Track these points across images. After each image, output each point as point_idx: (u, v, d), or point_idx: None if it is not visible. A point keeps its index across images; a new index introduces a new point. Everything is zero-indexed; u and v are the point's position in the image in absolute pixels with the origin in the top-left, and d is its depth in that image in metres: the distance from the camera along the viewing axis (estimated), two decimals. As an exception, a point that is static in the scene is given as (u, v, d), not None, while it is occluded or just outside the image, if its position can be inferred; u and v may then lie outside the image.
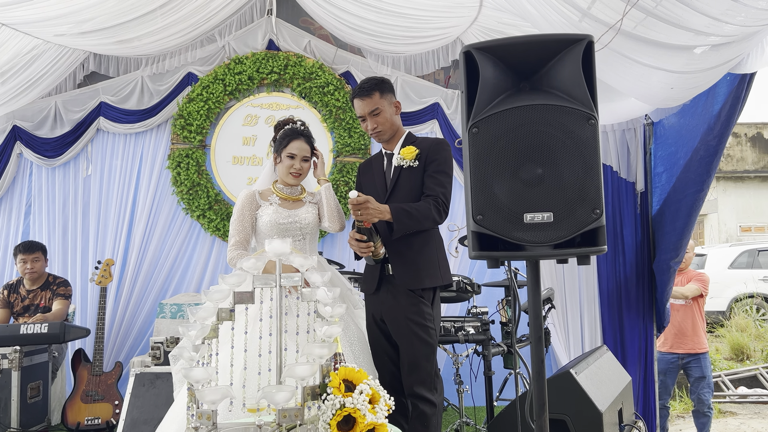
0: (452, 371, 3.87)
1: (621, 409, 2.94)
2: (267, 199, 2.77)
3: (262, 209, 2.75)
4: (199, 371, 1.75)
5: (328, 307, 1.98)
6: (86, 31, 4.29)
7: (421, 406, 2.55)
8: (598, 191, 1.57)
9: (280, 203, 2.77)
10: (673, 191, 4.01)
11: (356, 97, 2.71)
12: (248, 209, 2.75)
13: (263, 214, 2.73)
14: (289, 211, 2.75)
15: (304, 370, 1.72)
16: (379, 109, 2.68)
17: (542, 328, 1.72)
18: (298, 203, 2.82)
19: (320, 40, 5.16)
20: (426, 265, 2.61)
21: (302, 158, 2.77)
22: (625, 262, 4.77)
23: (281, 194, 2.80)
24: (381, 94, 2.68)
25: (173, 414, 2.27)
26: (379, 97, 2.68)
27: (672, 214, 4.02)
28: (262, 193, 2.81)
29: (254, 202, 2.77)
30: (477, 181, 1.60)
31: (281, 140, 2.80)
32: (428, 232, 2.66)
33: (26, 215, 4.95)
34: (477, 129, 1.61)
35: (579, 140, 1.57)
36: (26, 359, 3.74)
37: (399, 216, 2.52)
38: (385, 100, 2.70)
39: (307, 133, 2.84)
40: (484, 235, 1.60)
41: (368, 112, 2.68)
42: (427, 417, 2.55)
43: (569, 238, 1.57)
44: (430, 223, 2.58)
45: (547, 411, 1.71)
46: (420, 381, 2.56)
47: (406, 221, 2.53)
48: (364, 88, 2.68)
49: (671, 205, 4.05)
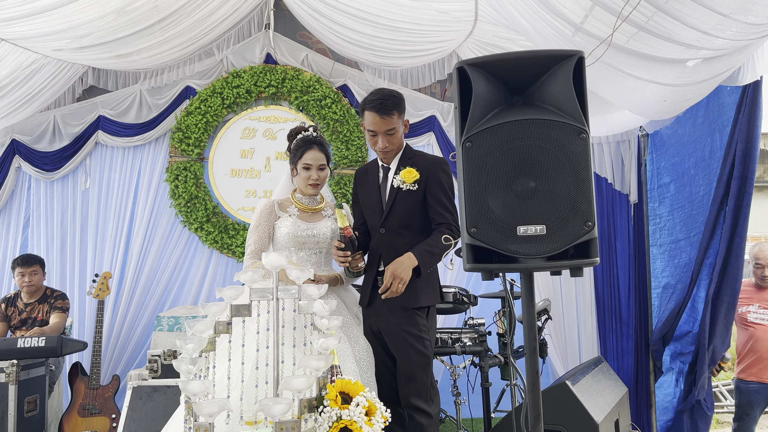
0: (449, 383, 3.88)
1: (618, 420, 2.95)
2: (286, 210, 2.78)
3: (281, 220, 2.75)
4: (197, 384, 1.76)
5: (325, 319, 2.00)
6: (85, 45, 4.32)
7: (417, 417, 2.56)
8: (590, 204, 1.59)
9: (299, 215, 2.77)
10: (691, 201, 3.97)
11: (374, 112, 2.60)
12: (266, 220, 2.76)
13: (282, 226, 2.74)
14: (308, 224, 2.75)
15: (300, 383, 1.74)
16: (395, 129, 2.63)
17: (536, 339, 1.74)
18: (317, 216, 2.82)
19: (317, 54, 5.20)
20: (418, 285, 2.61)
21: (318, 167, 2.76)
22: (618, 273, 4.80)
23: (300, 205, 2.80)
24: (398, 114, 2.63)
25: (175, 423, 2.26)
26: (396, 117, 2.62)
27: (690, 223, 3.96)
28: (281, 204, 2.81)
29: (273, 213, 2.77)
30: (471, 194, 1.62)
31: (295, 151, 2.79)
32: None
33: (24, 228, 4.95)
34: (470, 143, 1.63)
35: (571, 154, 1.60)
36: (23, 373, 3.73)
37: (424, 258, 2.56)
38: (401, 120, 2.66)
39: (321, 141, 2.81)
40: (479, 247, 1.62)
41: (384, 131, 2.61)
42: (423, 428, 2.56)
43: (562, 251, 1.59)
44: (447, 251, 2.62)
45: (542, 422, 1.72)
46: (416, 392, 2.57)
47: (430, 261, 2.59)
48: (386, 105, 2.58)
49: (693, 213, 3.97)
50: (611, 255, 4.76)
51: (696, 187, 3.85)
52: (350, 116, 5.08)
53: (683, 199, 4.08)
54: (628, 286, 4.71)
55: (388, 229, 2.67)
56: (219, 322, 1.98)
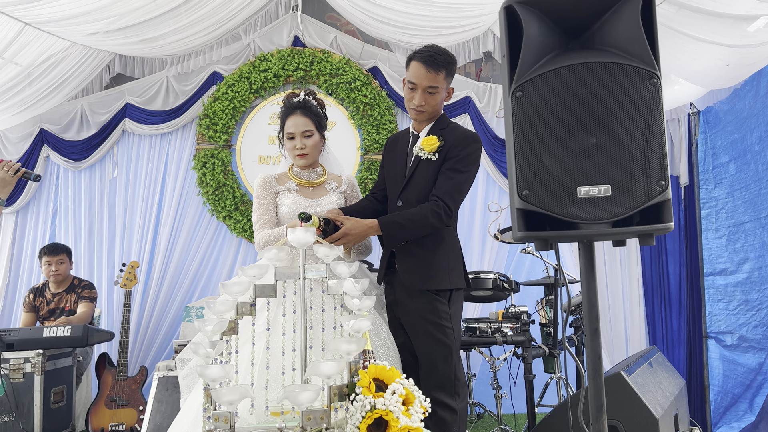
0: (489, 375, 3.66)
1: (677, 415, 2.70)
2: (284, 184, 2.51)
3: (281, 197, 2.48)
4: (216, 369, 1.59)
5: (356, 299, 1.81)
6: (110, 30, 4.22)
7: (439, 412, 2.27)
8: (662, 160, 1.36)
9: (298, 190, 2.50)
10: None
11: (421, 62, 2.34)
12: (266, 195, 2.49)
13: (282, 204, 2.47)
14: (310, 200, 2.48)
15: (330, 368, 1.55)
16: (437, 89, 2.37)
17: (598, 319, 1.52)
18: (320, 190, 2.54)
19: (347, 36, 5.02)
20: (435, 266, 2.37)
21: (303, 134, 2.45)
22: (667, 260, 4.51)
23: (298, 179, 2.52)
24: (446, 74, 2.39)
25: (177, 425, 2.08)
26: (443, 77, 2.38)
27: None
28: (279, 178, 2.54)
29: (271, 188, 2.50)
30: (522, 151, 1.41)
31: (281, 122, 2.51)
32: (442, 231, 2.41)
33: (53, 218, 4.91)
34: (521, 92, 1.42)
35: (640, 102, 1.37)
36: (49, 363, 3.65)
37: (389, 230, 2.31)
38: (446, 82, 2.41)
39: (305, 104, 2.47)
40: (531, 212, 1.41)
41: (425, 86, 2.35)
42: (446, 424, 2.29)
43: (629, 215, 1.37)
44: (427, 230, 2.35)
45: (605, 413, 1.50)
46: (438, 385, 2.31)
47: (396, 234, 2.33)
48: (436, 60, 2.33)
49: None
50: (660, 241, 4.47)
51: (763, 163, 3.54)
52: (381, 99, 4.88)
53: (747, 178, 3.76)
54: (678, 273, 4.42)
55: (405, 202, 2.43)
56: (241, 302, 1.80)
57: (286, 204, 2.47)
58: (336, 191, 2.58)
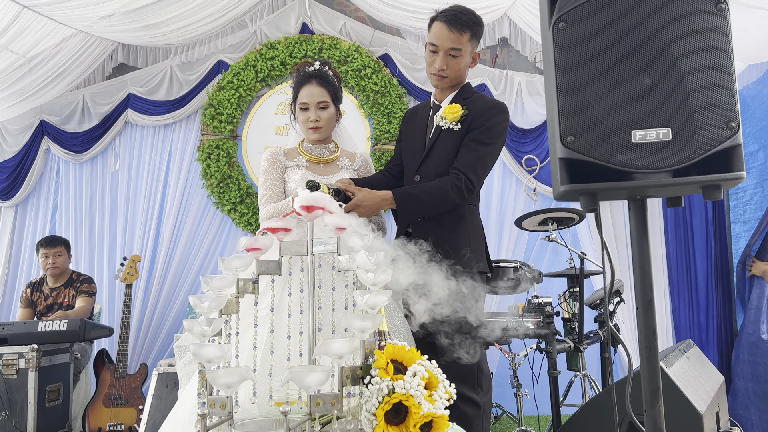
0: (509, 373, 3.44)
1: (718, 413, 2.48)
2: (293, 160, 2.33)
3: (289, 173, 2.30)
4: (212, 348, 1.39)
5: (371, 273, 1.61)
6: (109, 14, 4.06)
7: (461, 406, 2.08)
8: (732, 98, 1.17)
9: (308, 167, 2.32)
10: None
11: (443, 22, 2.17)
12: (274, 169, 2.30)
13: (290, 180, 2.29)
14: (321, 178, 2.29)
15: (341, 346, 1.35)
16: (461, 51, 2.18)
17: (652, 289, 1.32)
18: (332, 167, 2.36)
19: (356, 22, 4.85)
20: (455, 246, 2.17)
21: (318, 105, 2.27)
22: (694, 253, 4.28)
23: (308, 155, 2.34)
24: (471, 36, 2.19)
25: (173, 418, 1.88)
26: (468, 39, 2.18)
27: None
28: (288, 153, 2.37)
29: (279, 163, 2.32)
30: (566, 91, 1.22)
31: (294, 92, 2.34)
32: (463, 209, 2.23)
33: (53, 212, 4.76)
34: (564, 23, 1.22)
35: (704, 32, 1.17)
36: (45, 359, 3.46)
37: (405, 203, 2.13)
38: (471, 45, 2.22)
39: (321, 74, 2.30)
40: (577, 162, 1.21)
41: (448, 48, 2.17)
42: (469, 419, 2.10)
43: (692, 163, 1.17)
44: (447, 206, 2.17)
45: (661, 399, 1.29)
46: (459, 377, 2.12)
47: (412, 208, 2.14)
48: (461, 20, 2.15)
49: None
50: (687, 233, 4.25)
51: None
52: (392, 86, 4.69)
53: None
54: (706, 268, 4.19)
55: (424, 176, 2.24)
56: (243, 278, 1.61)
57: (294, 180, 2.28)
58: (348, 168, 2.39)
